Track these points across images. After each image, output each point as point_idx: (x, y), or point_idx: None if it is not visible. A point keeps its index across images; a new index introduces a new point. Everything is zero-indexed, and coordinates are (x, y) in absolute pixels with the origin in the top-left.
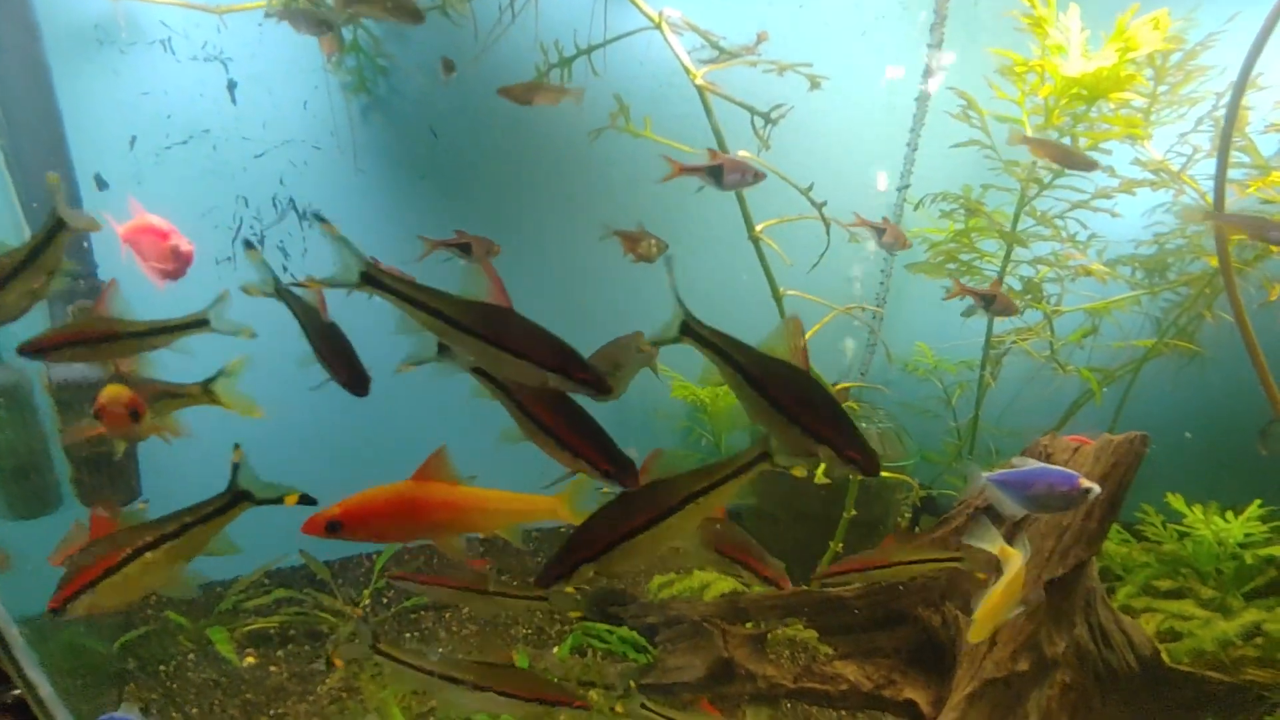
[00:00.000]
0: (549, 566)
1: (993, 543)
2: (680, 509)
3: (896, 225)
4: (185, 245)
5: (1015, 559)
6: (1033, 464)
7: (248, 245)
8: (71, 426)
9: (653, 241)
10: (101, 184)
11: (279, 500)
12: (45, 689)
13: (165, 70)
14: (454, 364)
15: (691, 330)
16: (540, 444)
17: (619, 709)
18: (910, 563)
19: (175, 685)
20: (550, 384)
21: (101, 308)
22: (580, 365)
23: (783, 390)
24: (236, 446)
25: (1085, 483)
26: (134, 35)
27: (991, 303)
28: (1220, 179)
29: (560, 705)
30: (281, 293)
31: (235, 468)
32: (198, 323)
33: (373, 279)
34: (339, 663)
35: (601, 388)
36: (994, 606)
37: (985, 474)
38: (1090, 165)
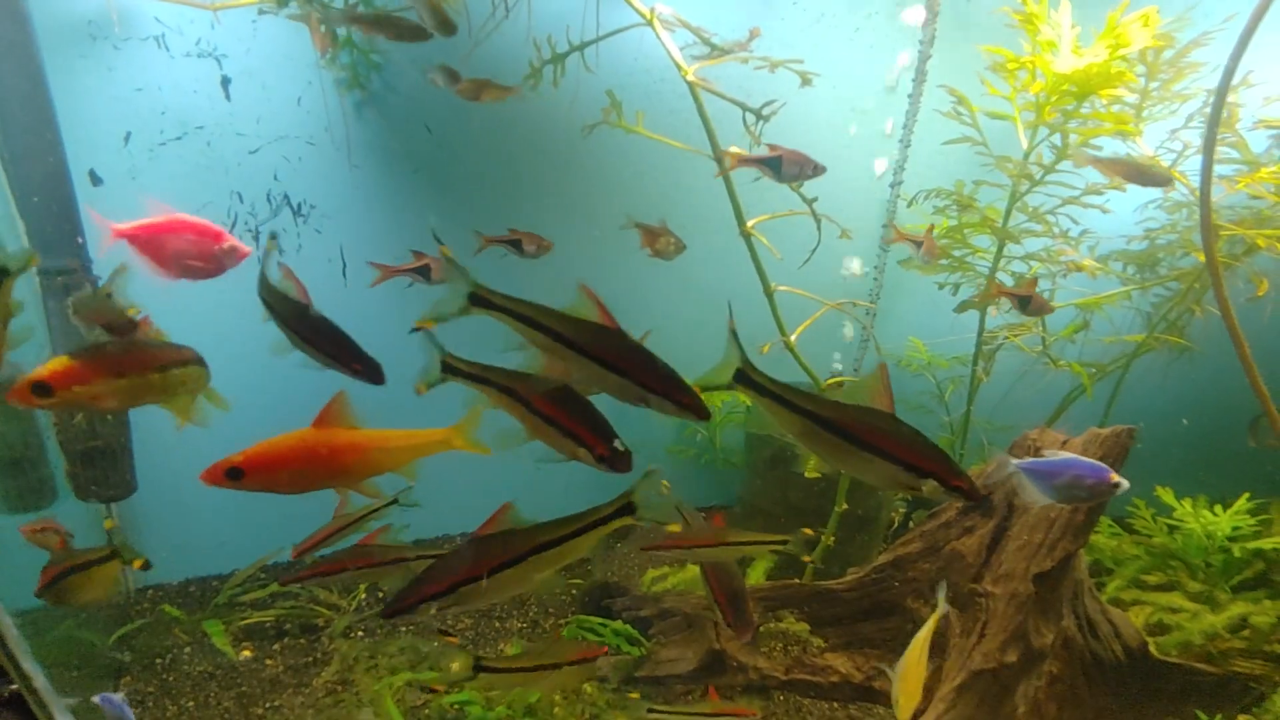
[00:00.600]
0: (396, 599)
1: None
2: (527, 558)
3: (932, 238)
4: (244, 248)
5: (927, 625)
6: (1064, 454)
7: (272, 236)
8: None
9: (672, 240)
10: (96, 180)
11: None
12: (39, 680)
13: (159, 66)
14: (464, 383)
15: (748, 379)
16: (543, 435)
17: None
18: (735, 544)
19: (171, 678)
20: (652, 405)
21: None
22: (683, 389)
23: (868, 432)
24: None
25: (1115, 477)
26: (128, 31)
27: (1028, 303)
28: (1206, 174)
29: None
30: (265, 296)
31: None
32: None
33: (483, 300)
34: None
35: (701, 414)
36: (909, 685)
37: (1014, 461)
38: (1166, 181)
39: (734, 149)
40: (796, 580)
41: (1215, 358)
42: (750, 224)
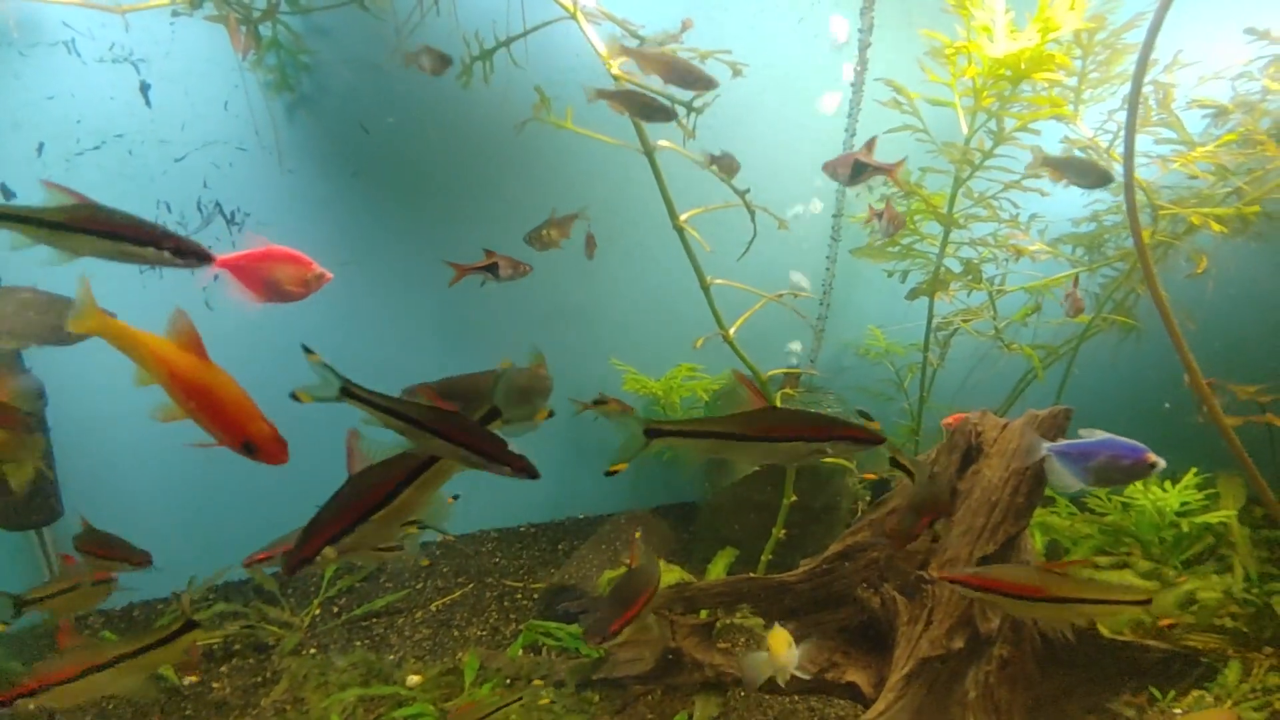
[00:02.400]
0: (294, 552)
1: None
2: (412, 481)
3: (893, 208)
4: (329, 274)
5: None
6: (1100, 434)
7: (306, 350)
8: None
9: (554, 231)
10: (8, 193)
11: None
12: None
13: (71, 73)
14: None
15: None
16: (438, 449)
17: None
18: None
19: (110, 706)
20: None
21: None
22: (848, 426)
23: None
24: None
25: (1153, 457)
26: (33, 37)
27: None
28: (1129, 154)
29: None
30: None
31: None
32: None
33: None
34: None
35: (875, 439)
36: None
37: (1047, 445)
38: (1110, 179)
39: (663, 142)
40: (750, 575)
41: (1161, 336)
42: (684, 217)
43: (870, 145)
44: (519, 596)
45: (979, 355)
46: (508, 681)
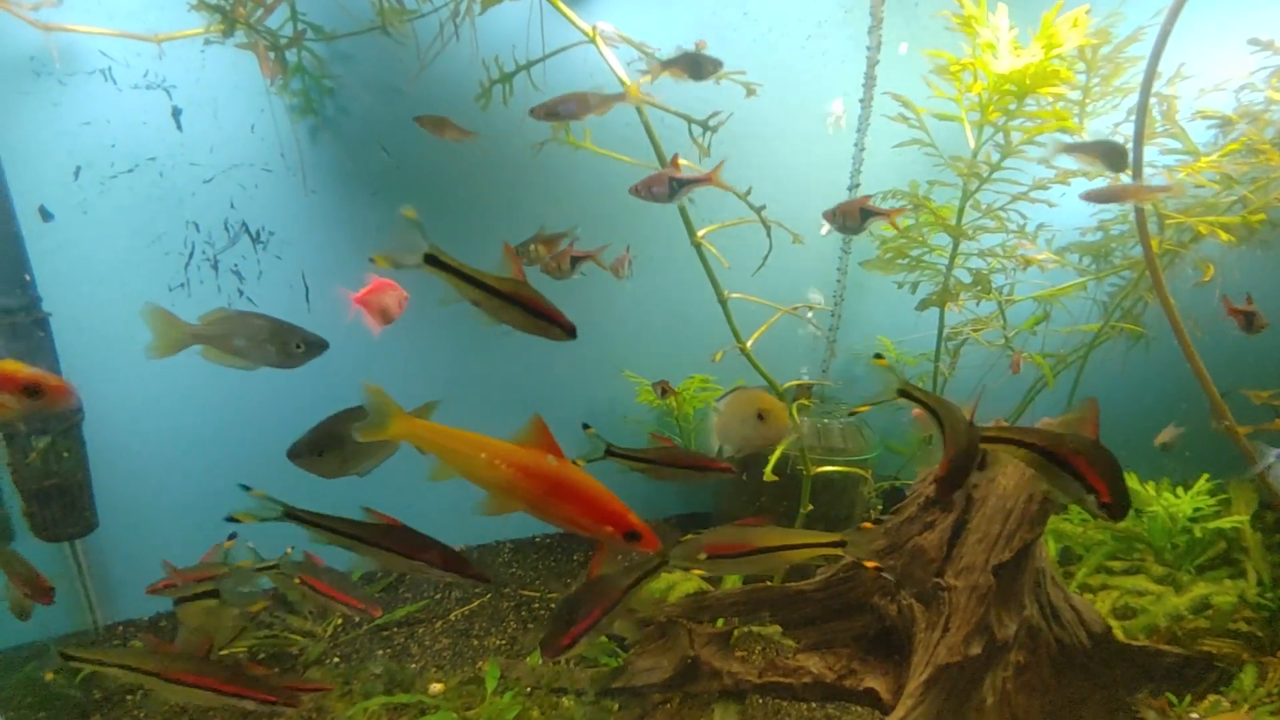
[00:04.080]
0: (552, 643)
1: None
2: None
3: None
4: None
5: None
6: None
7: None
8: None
9: (542, 248)
10: (47, 216)
11: None
12: None
13: (107, 99)
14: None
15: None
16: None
17: None
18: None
19: (142, 714)
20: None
21: None
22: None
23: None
24: None
25: None
26: (72, 65)
27: (1251, 321)
28: (1137, 165)
29: None
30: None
31: None
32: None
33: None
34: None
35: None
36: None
37: (1275, 451)
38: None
39: (679, 161)
40: (767, 583)
41: (1172, 343)
42: (701, 233)
43: (868, 197)
44: (536, 606)
45: (987, 365)
46: (528, 690)
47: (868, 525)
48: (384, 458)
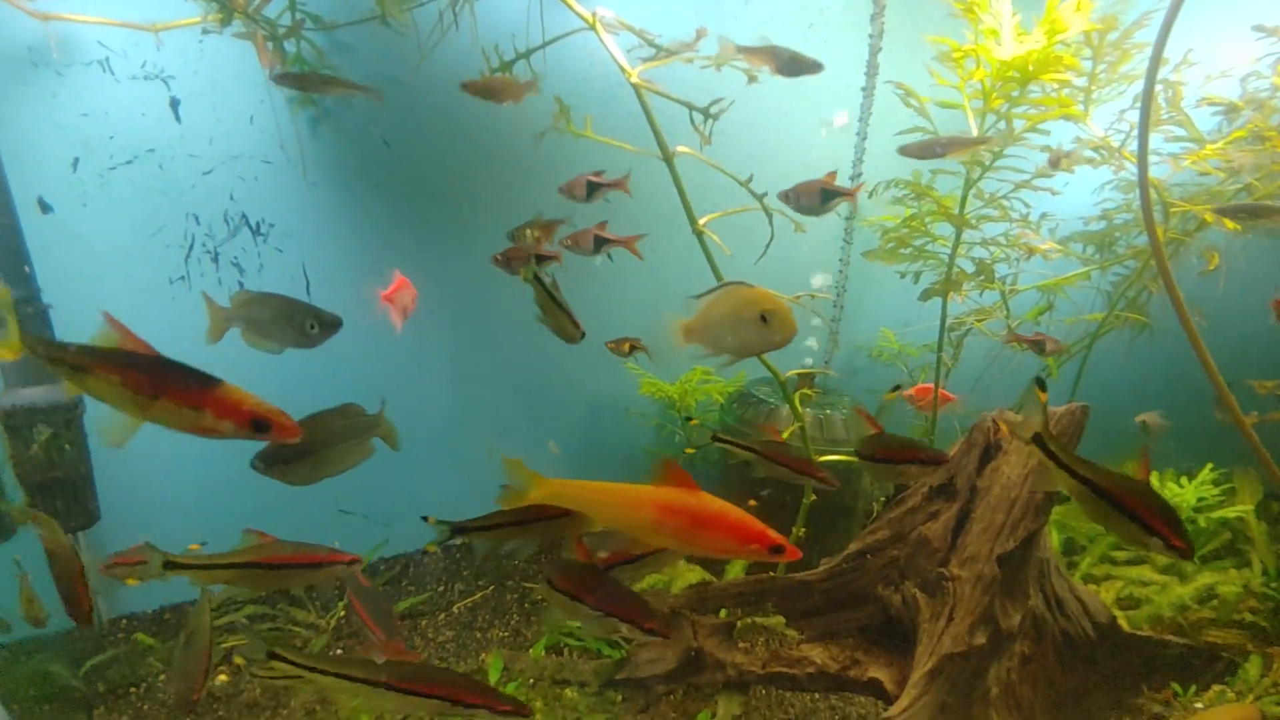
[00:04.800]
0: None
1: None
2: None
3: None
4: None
5: None
6: None
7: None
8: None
9: (537, 233)
10: (46, 208)
11: None
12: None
13: (105, 90)
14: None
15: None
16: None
17: None
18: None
19: (146, 707)
20: None
21: None
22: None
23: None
24: None
25: None
26: (70, 56)
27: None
28: (1142, 152)
29: (478, 706)
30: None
31: None
32: None
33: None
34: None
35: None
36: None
37: None
38: (814, 67)
39: (682, 148)
40: (771, 573)
41: (1176, 333)
42: (703, 221)
43: (832, 175)
44: (539, 598)
45: (990, 355)
46: (531, 682)
47: (753, 503)
48: (355, 464)
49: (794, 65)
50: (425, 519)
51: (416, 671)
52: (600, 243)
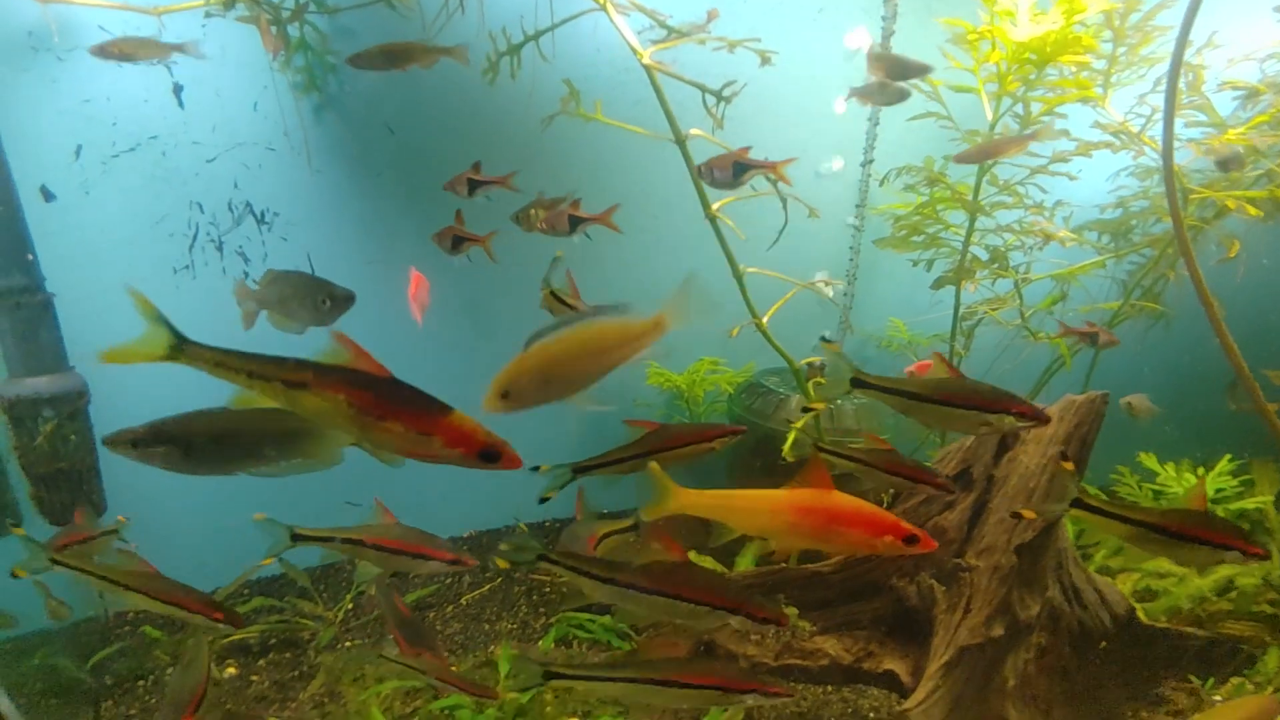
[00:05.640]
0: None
1: None
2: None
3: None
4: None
5: None
6: None
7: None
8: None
9: (541, 213)
10: (49, 196)
11: None
12: (5, 704)
13: (107, 76)
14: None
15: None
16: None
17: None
18: None
19: (153, 700)
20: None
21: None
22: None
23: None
24: None
25: None
26: (70, 41)
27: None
28: (1168, 138)
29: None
30: None
31: None
32: None
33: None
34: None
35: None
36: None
37: None
38: (922, 70)
39: (695, 131)
40: (783, 565)
41: (1191, 322)
42: (716, 206)
43: (746, 149)
44: (548, 590)
45: (1002, 345)
46: None
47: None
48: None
49: (909, 70)
50: (537, 469)
51: (671, 572)
52: (575, 222)
